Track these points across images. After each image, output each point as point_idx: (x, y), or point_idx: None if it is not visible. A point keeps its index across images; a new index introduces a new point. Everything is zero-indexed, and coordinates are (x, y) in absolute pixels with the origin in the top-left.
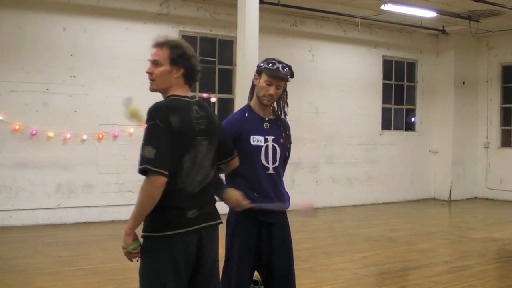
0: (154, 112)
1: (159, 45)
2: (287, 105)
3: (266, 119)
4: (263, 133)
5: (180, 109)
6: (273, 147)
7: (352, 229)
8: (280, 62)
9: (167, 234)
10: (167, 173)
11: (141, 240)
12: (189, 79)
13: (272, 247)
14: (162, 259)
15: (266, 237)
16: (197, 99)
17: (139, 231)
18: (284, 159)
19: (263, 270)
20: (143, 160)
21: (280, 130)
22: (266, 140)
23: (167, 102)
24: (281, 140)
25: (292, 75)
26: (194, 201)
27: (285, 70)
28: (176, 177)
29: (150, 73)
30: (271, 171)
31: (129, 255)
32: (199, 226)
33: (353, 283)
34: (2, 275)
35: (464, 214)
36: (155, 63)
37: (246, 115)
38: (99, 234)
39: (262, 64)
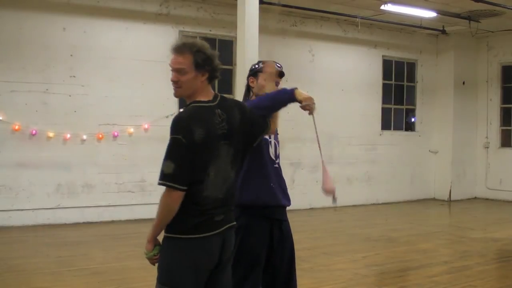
0: (178, 125)
1: (180, 51)
2: None
3: None
4: None
5: (204, 119)
6: (275, 143)
7: (352, 229)
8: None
9: (190, 237)
10: (184, 187)
11: (161, 241)
12: (212, 79)
13: (282, 245)
14: (185, 260)
15: (277, 235)
16: (218, 100)
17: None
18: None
19: (267, 267)
20: (161, 175)
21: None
22: (270, 136)
23: (191, 112)
24: (278, 138)
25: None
26: (220, 205)
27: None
28: (202, 185)
29: (175, 82)
30: (276, 165)
31: (151, 261)
32: (223, 228)
33: (353, 283)
34: (2, 275)
35: (464, 214)
36: (179, 71)
37: None
38: (99, 234)
39: (257, 66)
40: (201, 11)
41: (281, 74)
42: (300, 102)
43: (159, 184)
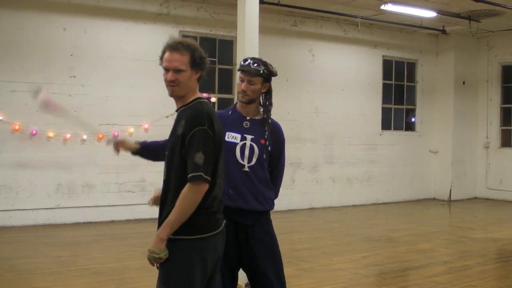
0: (202, 118)
1: (178, 49)
2: (271, 104)
3: (248, 118)
4: (241, 131)
5: (215, 114)
6: (251, 146)
7: (352, 229)
8: (254, 59)
9: (201, 237)
10: (210, 180)
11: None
12: (201, 79)
13: (250, 249)
14: (195, 260)
15: (243, 238)
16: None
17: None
18: (271, 160)
19: (247, 271)
20: (196, 167)
21: (263, 131)
22: (243, 138)
23: (206, 107)
24: (262, 141)
25: (270, 72)
26: (220, 202)
27: (255, 65)
28: (215, 180)
29: (172, 80)
30: (246, 169)
31: (159, 261)
32: (223, 226)
33: (353, 283)
34: (2, 275)
35: (464, 214)
36: (177, 70)
37: (230, 113)
38: (99, 234)
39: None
40: (201, 11)
41: (242, 71)
42: None
43: (195, 176)
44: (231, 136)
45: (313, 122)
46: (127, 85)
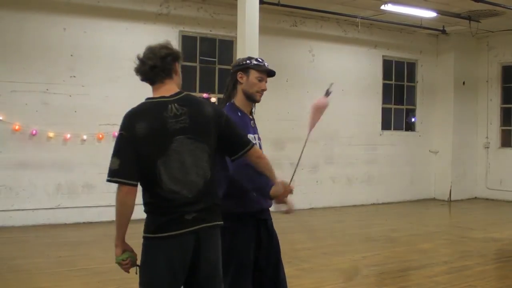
0: (122, 121)
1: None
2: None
3: (251, 117)
4: (253, 131)
5: (148, 112)
6: (259, 144)
7: (352, 229)
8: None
9: (163, 235)
10: (132, 182)
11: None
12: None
13: (270, 238)
14: (158, 259)
15: (264, 235)
16: (180, 96)
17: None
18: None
19: (263, 263)
20: (109, 171)
21: (256, 128)
22: (254, 138)
23: (137, 107)
24: (260, 138)
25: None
26: (191, 202)
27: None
28: (157, 181)
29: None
30: None
31: (121, 266)
32: (196, 227)
33: (353, 283)
34: (3, 275)
35: (464, 214)
36: None
37: (239, 114)
38: (99, 234)
39: (249, 62)
40: (201, 11)
41: (270, 74)
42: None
43: (107, 181)
44: (251, 138)
45: None
46: (127, 85)
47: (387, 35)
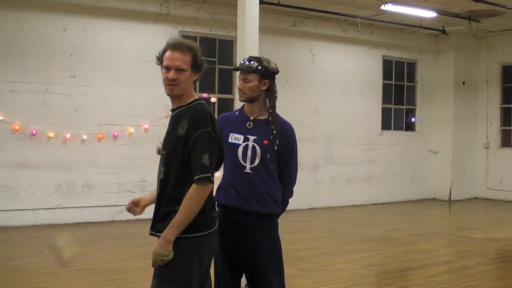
0: (206, 119)
1: (181, 49)
2: (272, 102)
3: (251, 118)
4: (244, 132)
5: (214, 116)
6: (253, 146)
7: (352, 229)
8: (250, 57)
9: (198, 235)
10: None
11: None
12: (196, 81)
13: (249, 250)
14: (193, 258)
15: (242, 239)
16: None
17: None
18: (280, 161)
19: (246, 273)
20: (204, 168)
21: (268, 132)
22: (246, 139)
23: (207, 109)
24: (265, 141)
25: (265, 68)
26: (214, 201)
27: (248, 62)
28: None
29: (174, 79)
30: (248, 170)
31: (164, 262)
32: (217, 224)
33: (353, 283)
34: (2, 275)
35: (464, 214)
36: (179, 69)
37: (237, 114)
38: (99, 234)
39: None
40: (201, 11)
41: (236, 69)
42: None
43: (203, 178)
44: (234, 138)
45: (313, 122)
46: (127, 85)
47: (387, 35)
